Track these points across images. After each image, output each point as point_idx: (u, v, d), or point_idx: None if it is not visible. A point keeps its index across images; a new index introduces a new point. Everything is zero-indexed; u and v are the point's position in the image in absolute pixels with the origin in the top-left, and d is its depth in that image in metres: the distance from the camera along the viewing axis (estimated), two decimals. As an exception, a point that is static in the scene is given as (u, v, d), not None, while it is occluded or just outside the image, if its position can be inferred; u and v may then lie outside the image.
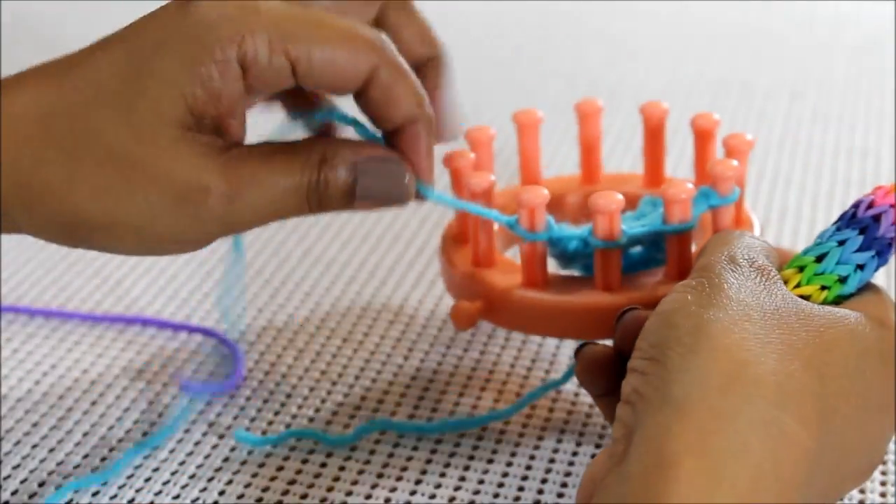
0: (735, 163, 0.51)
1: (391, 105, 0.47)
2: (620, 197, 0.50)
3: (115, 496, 0.51)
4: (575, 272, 0.55)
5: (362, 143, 0.48)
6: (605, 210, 0.50)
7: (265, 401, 0.57)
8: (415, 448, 0.53)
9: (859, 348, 0.42)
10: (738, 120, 0.84)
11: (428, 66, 0.51)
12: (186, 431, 0.55)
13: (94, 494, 0.51)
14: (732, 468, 0.37)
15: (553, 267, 0.54)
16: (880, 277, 0.64)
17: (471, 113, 0.59)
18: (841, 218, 0.47)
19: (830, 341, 0.41)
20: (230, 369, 0.59)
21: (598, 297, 0.51)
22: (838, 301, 0.45)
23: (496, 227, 0.54)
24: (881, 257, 0.45)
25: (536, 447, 0.53)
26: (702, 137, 0.56)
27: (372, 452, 0.53)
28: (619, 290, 0.51)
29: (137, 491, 0.51)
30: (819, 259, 0.45)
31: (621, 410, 0.40)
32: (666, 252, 0.52)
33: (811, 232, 0.69)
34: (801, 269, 0.46)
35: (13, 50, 0.96)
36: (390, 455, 0.53)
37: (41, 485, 0.52)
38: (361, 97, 0.47)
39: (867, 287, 0.46)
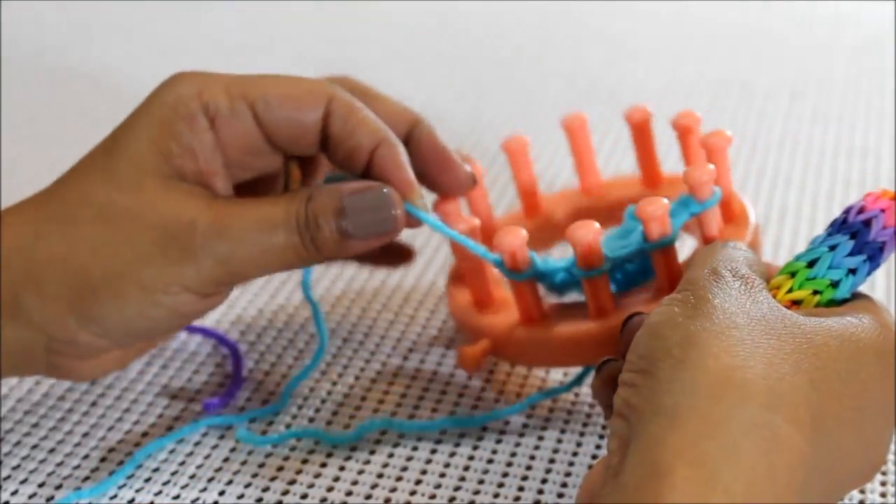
0: (711, 167, 0.50)
1: (354, 133, 0.49)
2: (597, 226, 0.50)
3: (114, 496, 0.51)
4: (574, 296, 0.55)
5: (344, 184, 0.49)
6: (583, 241, 0.50)
7: (265, 401, 0.57)
8: (415, 448, 0.53)
9: (851, 351, 0.42)
10: (738, 120, 0.84)
11: (414, 132, 0.53)
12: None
13: (94, 494, 0.51)
14: (726, 474, 0.37)
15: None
16: (881, 279, 0.64)
17: (471, 113, 0.60)
18: (832, 224, 0.47)
19: (819, 346, 0.41)
20: (230, 369, 0.59)
21: (592, 324, 0.52)
22: (830, 306, 0.45)
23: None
24: (873, 261, 0.46)
25: (537, 447, 0.53)
26: (685, 135, 0.56)
27: (372, 452, 0.53)
28: (613, 313, 0.51)
29: (137, 491, 0.51)
30: (811, 264, 0.46)
31: (615, 423, 0.41)
32: (653, 266, 0.52)
33: (811, 232, 0.69)
34: (793, 274, 0.46)
35: (13, 51, 0.96)
36: (390, 455, 0.53)
37: (41, 485, 0.52)
38: (327, 143, 0.50)
39: (858, 295, 0.46)
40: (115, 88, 0.90)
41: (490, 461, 0.53)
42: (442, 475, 0.52)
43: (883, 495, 0.50)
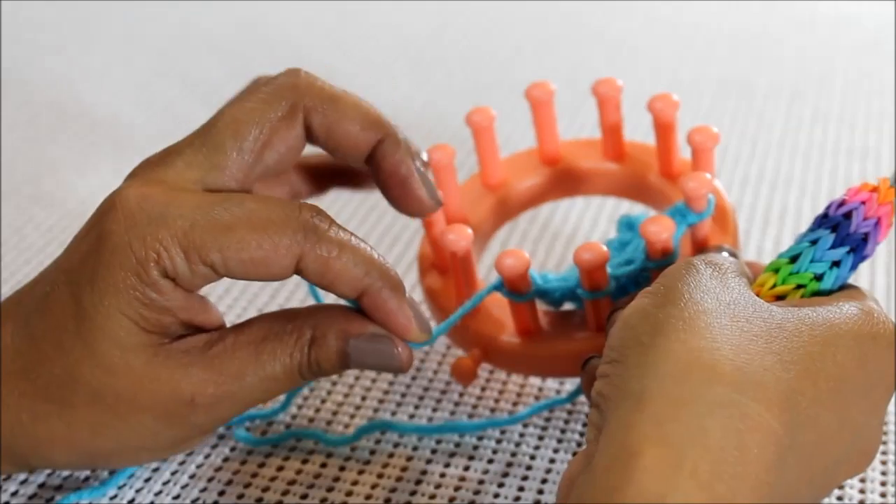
0: (708, 176, 0.50)
1: (333, 287, 0.46)
2: (605, 249, 0.49)
3: (115, 496, 0.51)
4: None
5: (351, 314, 0.48)
6: (592, 265, 0.49)
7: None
8: (415, 448, 0.53)
9: (825, 335, 0.42)
10: (738, 120, 0.84)
11: (380, 147, 0.49)
12: (186, 432, 0.55)
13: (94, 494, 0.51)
14: (692, 453, 0.37)
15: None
16: (881, 279, 0.64)
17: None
18: (814, 220, 0.47)
19: (791, 331, 0.41)
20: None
21: (594, 339, 0.51)
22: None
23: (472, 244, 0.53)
24: (857, 253, 0.46)
25: (537, 447, 0.53)
26: (663, 127, 0.55)
27: (372, 452, 0.53)
28: None
29: (137, 491, 0.51)
30: (793, 259, 0.46)
31: (591, 414, 0.41)
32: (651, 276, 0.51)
33: (811, 232, 0.69)
34: (777, 271, 0.46)
35: (13, 50, 0.96)
36: (390, 455, 0.53)
37: (41, 486, 0.52)
38: None
39: (846, 286, 0.46)
40: (116, 88, 0.90)
41: (490, 461, 0.53)
42: (442, 475, 0.52)
43: (883, 495, 0.50)
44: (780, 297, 0.45)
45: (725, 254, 0.48)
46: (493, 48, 0.98)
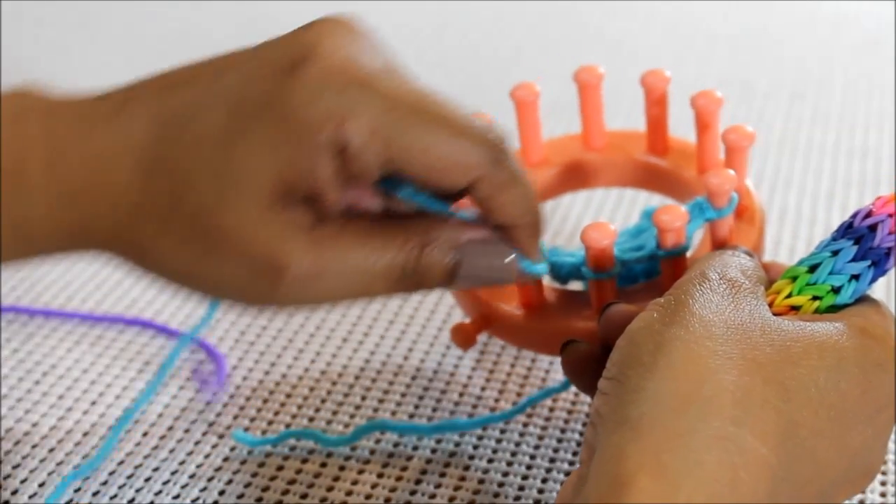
0: (732, 172, 0.49)
1: (492, 213, 0.44)
2: (613, 228, 0.49)
3: (115, 496, 0.51)
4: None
5: (465, 223, 0.45)
6: (597, 245, 0.48)
7: (265, 401, 0.57)
8: (415, 448, 0.53)
9: (831, 361, 0.41)
10: (738, 120, 0.83)
11: (520, 228, 0.46)
12: (186, 431, 0.55)
13: (94, 494, 0.51)
14: (687, 486, 0.36)
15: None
16: (880, 283, 0.64)
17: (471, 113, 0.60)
18: (839, 227, 0.46)
19: (797, 355, 0.41)
20: (224, 377, 0.59)
21: (593, 321, 0.50)
22: (831, 312, 0.45)
23: None
24: (878, 268, 0.45)
25: (537, 447, 0.53)
26: (704, 118, 0.55)
27: (372, 452, 0.53)
28: None
29: (137, 491, 0.51)
30: (812, 269, 0.45)
31: (587, 432, 0.41)
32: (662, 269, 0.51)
33: (811, 232, 0.69)
34: (794, 279, 0.45)
35: (13, 48, 0.96)
36: (390, 455, 0.53)
37: (41, 485, 0.52)
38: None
39: (863, 299, 0.45)
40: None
41: (490, 461, 0.53)
42: (442, 475, 0.52)
43: (883, 495, 0.50)
44: (794, 307, 0.44)
45: (742, 254, 0.46)
46: (493, 48, 0.98)
